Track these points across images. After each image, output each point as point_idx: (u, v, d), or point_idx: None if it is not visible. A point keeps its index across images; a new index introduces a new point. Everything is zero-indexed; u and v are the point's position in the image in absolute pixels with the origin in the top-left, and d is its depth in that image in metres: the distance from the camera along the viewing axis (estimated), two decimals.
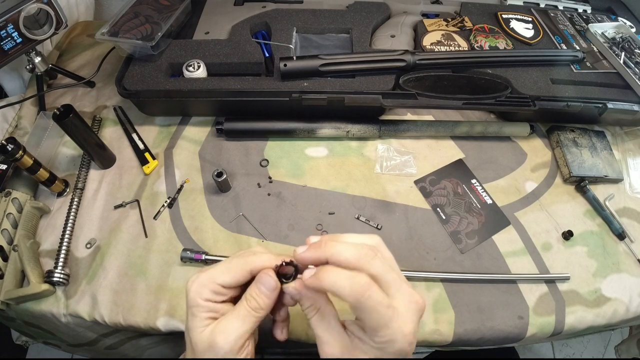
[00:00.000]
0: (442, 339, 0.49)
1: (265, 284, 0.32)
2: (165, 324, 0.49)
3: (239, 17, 0.70)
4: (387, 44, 0.68)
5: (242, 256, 0.33)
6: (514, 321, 0.50)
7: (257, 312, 0.32)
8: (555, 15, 0.76)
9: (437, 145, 0.66)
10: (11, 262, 0.50)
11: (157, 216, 0.57)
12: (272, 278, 0.32)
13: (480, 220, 0.58)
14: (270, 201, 0.59)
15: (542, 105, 0.61)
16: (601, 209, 0.58)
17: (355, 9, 0.73)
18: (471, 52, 0.67)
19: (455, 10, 0.76)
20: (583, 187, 0.59)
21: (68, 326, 0.51)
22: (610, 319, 0.52)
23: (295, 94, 0.59)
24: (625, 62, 0.66)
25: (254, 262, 0.32)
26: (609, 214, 0.58)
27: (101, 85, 0.72)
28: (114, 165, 0.62)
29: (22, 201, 0.54)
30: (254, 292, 0.32)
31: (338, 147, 0.65)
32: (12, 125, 0.67)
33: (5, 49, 0.57)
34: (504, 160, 0.64)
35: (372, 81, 0.62)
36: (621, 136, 0.68)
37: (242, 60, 0.64)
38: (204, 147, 0.64)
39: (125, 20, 0.64)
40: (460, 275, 0.52)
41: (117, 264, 0.53)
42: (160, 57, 0.64)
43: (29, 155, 0.52)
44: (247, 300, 0.32)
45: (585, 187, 0.59)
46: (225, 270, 0.32)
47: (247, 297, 0.32)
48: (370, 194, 0.59)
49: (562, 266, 0.54)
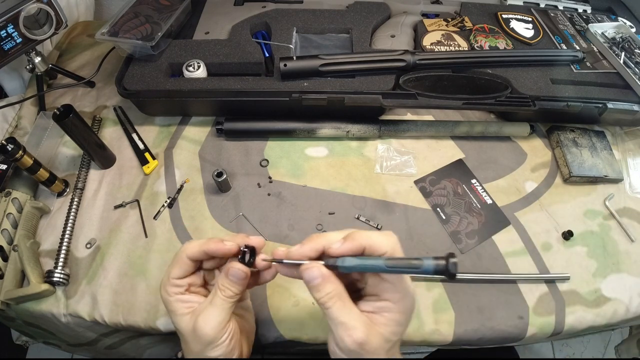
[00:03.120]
0: (442, 339, 0.49)
1: (236, 275, 0.34)
2: (165, 324, 0.49)
3: (239, 17, 0.70)
4: (387, 44, 0.68)
5: (182, 247, 0.36)
6: (514, 321, 0.50)
7: (232, 299, 0.35)
8: (555, 15, 0.76)
9: (437, 145, 0.66)
10: (11, 262, 0.50)
11: (157, 216, 0.57)
12: (241, 270, 0.34)
13: (480, 220, 0.58)
14: (270, 201, 0.59)
15: (542, 105, 0.61)
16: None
17: (355, 9, 0.73)
18: (471, 52, 0.67)
19: (455, 10, 0.76)
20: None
21: (68, 326, 0.51)
22: (610, 319, 0.51)
23: (295, 94, 0.59)
24: (625, 62, 0.66)
25: (187, 251, 0.35)
26: (609, 213, 0.58)
27: (101, 85, 0.72)
28: (114, 165, 0.62)
29: (22, 201, 0.54)
30: (226, 282, 0.34)
31: (338, 147, 0.64)
32: (12, 125, 0.67)
33: (5, 49, 0.57)
34: (504, 160, 0.64)
35: (372, 81, 0.62)
36: (621, 136, 0.68)
37: (242, 60, 0.64)
38: (204, 147, 0.64)
39: (125, 20, 0.64)
40: (460, 275, 0.52)
41: (117, 264, 0.53)
42: (160, 57, 0.64)
43: (29, 155, 0.52)
44: (220, 290, 0.34)
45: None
46: (173, 264, 0.35)
47: (221, 288, 0.34)
48: (370, 194, 0.59)
49: (562, 266, 0.54)
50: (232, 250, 0.34)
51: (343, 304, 0.31)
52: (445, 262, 0.29)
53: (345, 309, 0.31)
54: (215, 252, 0.34)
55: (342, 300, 0.32)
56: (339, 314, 0.31)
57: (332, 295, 0.31)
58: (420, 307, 0.50)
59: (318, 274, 0.32)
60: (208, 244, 0.34)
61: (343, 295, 0.32)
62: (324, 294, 0.31)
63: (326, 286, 0.32)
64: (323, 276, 0.32)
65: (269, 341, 0.48)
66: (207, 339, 0.33)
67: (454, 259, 0.28)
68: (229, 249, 0.34)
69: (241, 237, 0.35)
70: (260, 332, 0.48)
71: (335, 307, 0.31)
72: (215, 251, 0.34)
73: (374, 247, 0.31)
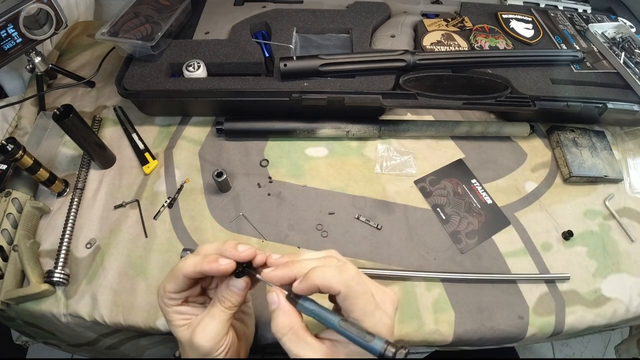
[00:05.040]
0: (442, 339, 0.49)
1: (237, 285, 0.34)
2: (165, 324, 0.49)
3: (239, 17, 0.70)
4: (387, 44, 0.68)
5: (178, 264, 0.34)
6: (514, 321, 0.50)
7: (231, 310, 0.34)
8: (555, 15, 0.76)
9: (437, 145, 0.66)
10: (11, 262, 0.50)
11: (157, 216, 0.57)
12: (241, 281, 0.34)
13: (480, 220, 0.58)
14: (270, 201, 0.59)
15: (542, 105, 0.61)
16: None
17: (355, 9, 0.73)
18: (471, 52, 0.67)
19: (455, 10, 0.76)
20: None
21: (68, 326, 0.51)
22: (610, 319, 0.52)
23: (295, 94, 0.59)
24: (625, 62, 0.66)
25: (183, 270, 0.33)
26: (609, 213, 0.58)
27: (101, 85, 0.72)
28: (114, 165, 0.62)
29: (22, 201, 0.54)
30: (227, 293, 0.34)
31: (338, 147, 0.64)
32: (12, 125, 0.67)
33: (5, 49, 0.57)
34: (504, 160, 0.64)
35: (372, 81, 0.62)
36: (621, 136, 0.68)
37: (242, 60, 0.64)
38: (204, 147, 0.64)
39: (125, 20, 0.64)
40: (460, 275, 0.52)
41: (117, 264, 0.53)
42: (160, 57, 0.64)
43: (29, 155, 0.52)
44: (220, 301, 0.34)
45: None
46: (169, 279, 0.34)
47: (220, 299, 0.34)
48: (370, 194, 0.59)
49: (562, 266, 0.54)
50: (228, 270, 0.33)
51: (296, 337, 0.31)
52: (394, 350, 0.28)
53: (299, 342, 0.31)
54: (210, 272, 0.33)
55: (294, 333, 0.31)
56: (291, 346, 0.31)
57: (284, 329, 0.31)
58: (420, 307, 0.50)
59: (274, 300, 0.32)
60: (203, 264, 0.33)
61: (296, 328, 0.31)
62: (276, 324, 0.31)
63: (279, 316, 0.31)
64: (279, 305, 0.31)
65: (269, 342, 0.48)
66: (204, 350, 0.33)
67: (405, 350, 0.28)
68: (225, 270, 0.33)
69: (231, 247, 0.34)
70: (260, 332, 0.48)
71: (286, 339, 0.31)
72: (210, 272, 0.33)
73: (326, 287, 0.30)
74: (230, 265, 0.33)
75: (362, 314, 0.30)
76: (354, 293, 0.30)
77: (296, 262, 0.33)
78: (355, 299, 0.30)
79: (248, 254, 0.33)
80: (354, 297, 0.30)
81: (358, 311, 0.30)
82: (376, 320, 0.30)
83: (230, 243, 0.34)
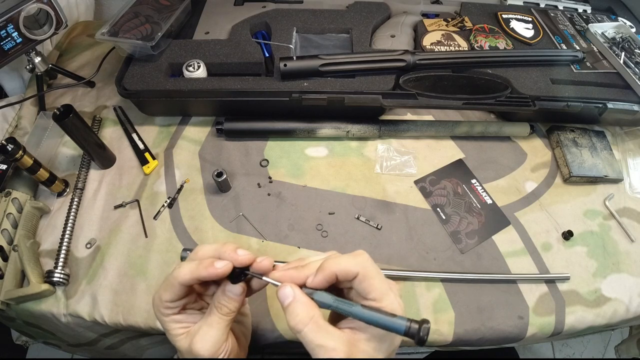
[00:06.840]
0: (442, 339, 0.49)
1: (233, 290, 0.34)
2: None
3: (239, 17, 0.70)
4: (387, 44, 0.68)
5: (173, 272, 0.34)
6: (514, 321, 0.50)
7: (229, 316, 0.34)
8: (555, 15, 0.76)
9: (437, 145, 0.66)
10: (11, 262, 0.50)
11: (157, 216, 0.57)
12: (237, 286, 0.33)
13: (480, 220, 0.58)
14: (270, 201, 0.59)
15: (542, 105, 0.61)
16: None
17: (355, 9, 0.73)
18: (471, 52, 0.67)
19: (455, 10, 0.76)
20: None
21: (68, 326, 0.51)
22: (610, 319, 0.52)
23: (295, 94, 0.59)
24: (625, 62, 0.66)
25: (179, 278, 0.32)
26: (609, 213, 0.58)
27: (101, 85, 0.72)
28: (114, 165, 0.62)
29: (22, 201, 0.54)
30: (224, 300, 0.33)
31: (338, 147, 0.64)
32: (12, 125, 0.67)
33: (5, 49, 0.57)
34: (504, 160, 0.64)
35: (372, 81, 0.62)
36: (621, 136, 0.68)
37: (242, 60, 0.64)
38: (204, 147, 0.64)
39: (125, 20, 0.64)
40: (460, 275, 0.52)
41: (117, 264, 0.53)
42: (160, 57, 0.64)
43: (29, 155, 0.52)
44: (217, 308, 0.34)
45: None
46: (165, 288, 0.33)
47: (217, 306, 0.34)
48: (370, 194, 0.59)
49: (562, 266, 0.54)
50: (225, 272, 0.32)
51: (318, 327, 0.30)
52: (417, 326, 0.29)
53: (321, 331, 0.30)
54: (207, 277, 0.32)
55: (315, 323, 0.30)
56: (313, 336, 0.30)
57: (305, 319, 0.30)
58: (420, 307, 0.50)
59: (288, 294, 0.31)
60: (199, 270, 0.32)
61: (316, 317, 0.30)
62: (295, 317, 0.30)
63: (297, 307, 0.30)
64: (294, 297, 0.31)
65: (268, 341, 0.48)
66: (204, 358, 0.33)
67: (428, 325, 0.29)
68: (222, 272, 0.32)
69: (230, 249, 0.33)
70: (260, 332, 0.48)
71: (307, 330, 0.30)
72: (207, 277, 0.32)
73: (344, 272, 0.31)
74: (227, 267, 0.32)
75: (380, 294, 0.31)
76: (371, 273, 0.31)
77: (304, 265, 0.33)
78: (372, 279, 0.31)
79: (247, 258, 0.33)
80: (371, 277, 0.31)
81: (376, 291, 0.31)
82: (391, 300, 0.31)
83: (230, 245, 0.33)
